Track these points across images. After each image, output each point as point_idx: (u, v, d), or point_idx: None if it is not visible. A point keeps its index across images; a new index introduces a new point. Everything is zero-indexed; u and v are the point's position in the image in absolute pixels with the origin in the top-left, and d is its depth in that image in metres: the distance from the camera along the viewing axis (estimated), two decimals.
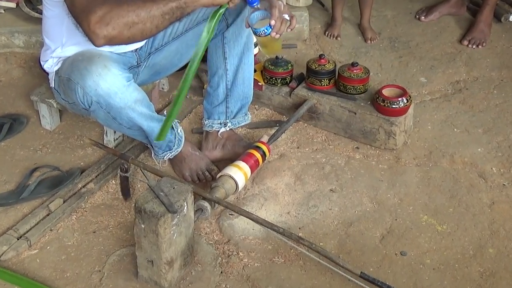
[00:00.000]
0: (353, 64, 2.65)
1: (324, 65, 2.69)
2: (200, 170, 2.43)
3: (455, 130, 2.72)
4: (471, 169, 2.50)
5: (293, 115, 2.61)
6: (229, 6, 1.99)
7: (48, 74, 2.33)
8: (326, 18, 3.52)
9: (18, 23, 3.12)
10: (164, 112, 2.38)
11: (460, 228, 2.23)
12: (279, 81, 2.77)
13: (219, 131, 2.51)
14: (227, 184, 2.22)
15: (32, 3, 3.12)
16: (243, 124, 2.56)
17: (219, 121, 2.51)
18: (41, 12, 2.98)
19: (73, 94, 2.12)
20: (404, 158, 2.56)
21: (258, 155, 2.37)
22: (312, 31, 3.43)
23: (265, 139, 2.46)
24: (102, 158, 2.50)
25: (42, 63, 2.30)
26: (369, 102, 2.62)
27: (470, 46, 3.30)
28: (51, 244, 2.16)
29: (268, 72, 2.77)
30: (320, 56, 2.70)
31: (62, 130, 2.68)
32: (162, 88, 2.96)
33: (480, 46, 3.28)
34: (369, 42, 3.36)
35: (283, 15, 2.10)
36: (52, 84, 2.32)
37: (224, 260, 2.11)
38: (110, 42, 1.90)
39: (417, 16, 3.56)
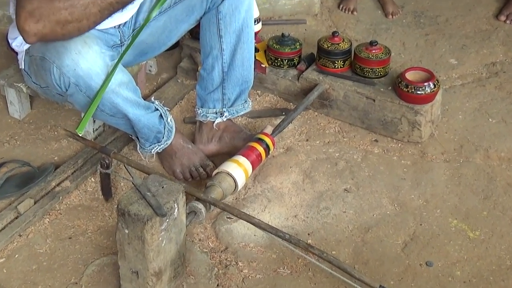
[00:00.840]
0: (371, 43, 2.65)
1: (337, 44, 2.69)
2: (193, 166, 2.44)
3: (490, 120, 2.72)
4: (508, 165, 2.49)
5: (301, 103, 2.62)
6: None
7: (17, 54, 2.33)
8: None
9: None
10: (152, 99, 2.37)
11: (495, 234, 2.23)
12: (285, 62, 2.77)
13: (214, 121, 2.51)
14: (224, 183, 2.22)
15: None
16: (242, 113, 2.56)
17: (214, 110, 2.51)
18: None
19: (47, 75, 2.13)
20: (430, 153, 2.56)
21: (260, 149, 2.36)
22: (324, 4, 3.42)
23: (268, 130, 2.46)
24: (80, 152, 2.50)
25: (10, 41, 2.31)
26: (390, 88, 2.62)
27: (508, 22, 3.29)
28: (20, 251, 2.15)
29: (272, 52, 2.77)
30: (333, 34, 2.71)
31: (33, 119, 2.69)
32: (149, 70, 2.96)
33: None
34: (390, 17, 3.35)
35: None
36: (22, 66, 2.32)
37: (221, 271, 2.11)
38: (43, 39, 1.97)
39: None
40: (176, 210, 1.89)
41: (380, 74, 2.66)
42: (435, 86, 2.54)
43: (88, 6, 1.96)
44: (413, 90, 2.52)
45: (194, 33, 2.82)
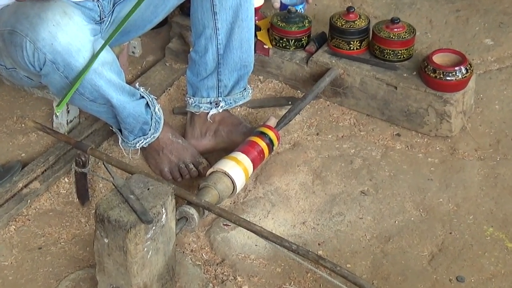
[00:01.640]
0: (393, 21, 2.66)
1: (353, 21, 2.69)
2: (183, 164, 2.44)
3: None
4: None
5: (311, 90, 2.61)
6: None
7: None
8: None
9: None
10: (136, 85, 2.39)
11: None
12: (292, 43, 2.76)
13: (208, 112, 2.52)
14: (220, 184, 2.22)
15: None
16: (241, 102, 2.57)
17: (208, 99, 2.52)
18: None
19: (17, 52, 2.13)
20: (462, 149, 2.57)
21: (263, 144, 2.36)
22: None
23: (272, 122, 2.45)
24: (51, 148, 2.50)
25: None
26: (414, 73, 2.63)
27: None
28: None
29: (277, 31, 2.76)
30: (348, 10, 2.71)
31: None
32: (133, 52, 2.96)
33: None
34: None
35: None
36: None
37: (216, 287, 2.11)
38: None
39: None
40: (164, 216, 1.90)
41: (403, 57, 2.66)
42: (467, 71, 2.54)
43: None
44: (441, 76, 2.52)
45: (185, 8, 2.83)
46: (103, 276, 1.93)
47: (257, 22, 2.51)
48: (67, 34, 2.07)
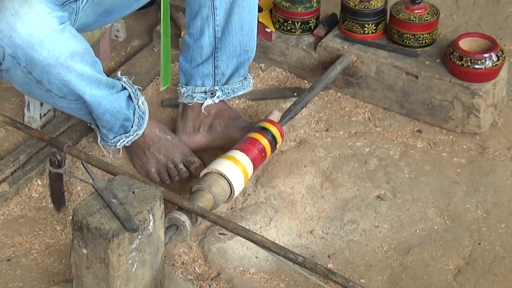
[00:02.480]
0: (413, 1, 2.67)
1: (368, 1, 2.70)
2: (172, 164, 2.45)
3: None
4: None
5: (319, 80, 2.61)
6: None
7: None
8: None
9: None
10: (118, 74, 2.39)
11: None
12: (297, 26, 2.77)
13: (203, 103, 2.52)
14: (216, 187, 2.22)
15: None
16: (241, 93, 2.58)
17: (203, 88, 2.52)
18: None
19: None
20: (492, 148, 2.57)
21: (264, 141, 2.36)
22: None
23: (275, 116, 2.45)
24: (22, 145, 2.50)
25: None
26: (438, 60, 2.63)
27: None
28: None
29: (281, 12, 2.77)
30: None
31: None
32: (116, 36, 2.96)
33: None
34: None
35: None
36: None
37: None
38: None
39: None
40: (151, 223, 1.89)
41: (425, 42, 2.66)
42: (498, 59, 2.54)
43: None
44: (469, 64, 2.52)
45: None
46: None
47: (258, 2, 2.51)
48: (27, 25, 2.06)
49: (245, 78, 2.56)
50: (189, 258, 2.23)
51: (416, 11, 2.65)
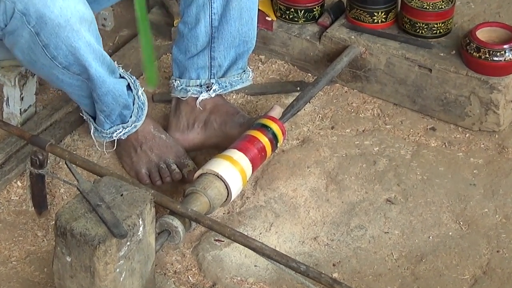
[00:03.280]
0: None
1: None
2: (164, 164, 2.44)
3: None
4: None
5: (324, 73, 2.60)
6: None
7: None
8: None
9: None
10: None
11: None
12: (301, 14, 2.75)
13: (198, 97, 2.50)
14: (212, 189, 2.22)
15: None
16: (239, 87, 2.57)
17: (198, 81, 2.51)
18: None
19: None
20: None
21: (264, 140, 2.35)
22: None
23: (276, 113, 2.44)
24: (0, 144, 2.49)
25: None
26: (453, 52, 2.63)
27: None
28: None
29: (283, 0, 2.74)
30: None
31: None
32: (103, 25, 2.97)
33: None
34: None
35: None
36: None
37: None
38: None
39: None
40: (141, 229, 1.91)
41: (440, 32, 2.66)
42: None
43: None
44: (487, 56, 2.51)
45: None
46: None
47: None
48: None
49: (243, 71, 2.56)
50: (182, 266, 2.23)
51: None
